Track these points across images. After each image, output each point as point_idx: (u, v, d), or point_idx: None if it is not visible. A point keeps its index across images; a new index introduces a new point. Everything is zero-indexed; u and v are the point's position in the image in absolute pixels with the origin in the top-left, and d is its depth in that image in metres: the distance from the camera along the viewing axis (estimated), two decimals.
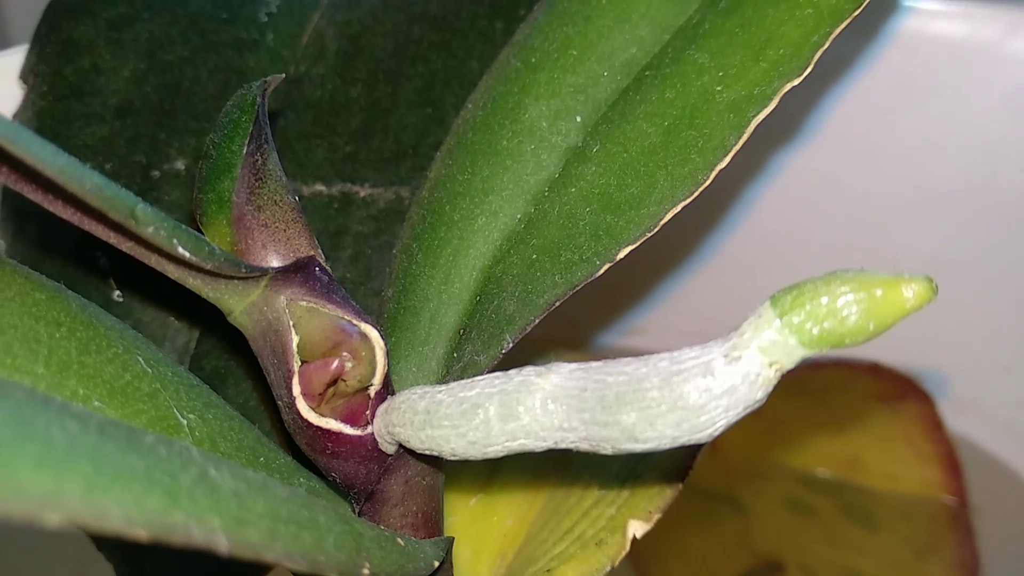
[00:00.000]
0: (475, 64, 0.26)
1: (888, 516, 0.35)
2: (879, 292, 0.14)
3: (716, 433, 0.15)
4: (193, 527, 0.12)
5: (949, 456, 0.32)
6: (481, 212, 0.20)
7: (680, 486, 0.21)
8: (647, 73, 0.20)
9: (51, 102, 0.26)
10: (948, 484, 0.33)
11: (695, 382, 0.15)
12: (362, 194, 0.25)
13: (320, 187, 0.25)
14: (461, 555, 0.23)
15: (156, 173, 0.25)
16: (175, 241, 0.16)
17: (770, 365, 0.15)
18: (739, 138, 0.18)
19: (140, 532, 0.11)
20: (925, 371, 0.33)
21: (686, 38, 0.20)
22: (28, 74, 0.27)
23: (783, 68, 0.19)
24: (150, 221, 0.16)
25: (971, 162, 0.34)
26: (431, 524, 0.20)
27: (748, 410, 0.15)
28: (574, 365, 0.17)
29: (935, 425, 0.32)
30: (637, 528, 0.21)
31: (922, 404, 0.31)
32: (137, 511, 0.11)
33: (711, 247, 0.37)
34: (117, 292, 0.25)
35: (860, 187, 0.34)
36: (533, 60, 0.21)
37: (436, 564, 0.18)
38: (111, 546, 0.23)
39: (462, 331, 0.20)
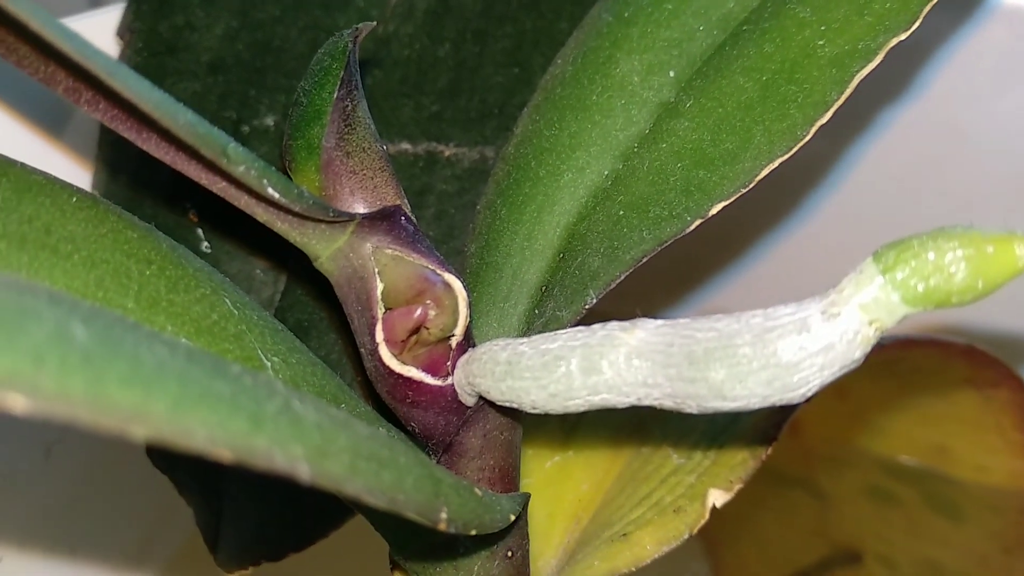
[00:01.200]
0: (564, 25, 0.26)
1: (975, 508, 0.33)
2: (990, 249, 0.14)
3: (809, 394, 0.15)
4: (276, 453, 0.12)
5: None
6: (568, 168, 0.20)
7: (764, 456, 0.21)
8: (745, 28, 0.20)
9: (146, 58, 0.27)
10: None
11: (790, 339, 0.15)
12: (447, 153, 0.25)
13: (406, 146, 0.25)
14: (536, 517, 0.22)
15: (246, 128, 0.26)
16: (265, 181, 0.16)
17: (870, 323, 0.14)
18: (841, 93, 0.18)
19: (224, 453, 0.11)
20: (1020, 359, 0.32)
21: None
22: (125, 31, 0.27)
23: (889, 22, 0.18)
24: (241, 160, 0.16)
25: None
26: (508, 480, 0.19)
27: (844, 370, 0.15)
28: (660, 321, 0.16)
29: None
30: (717, 497, 0.20)
31: (1017, 392, 0.30)
32: (222, 432, 0.11)
33: (791, 224, 0.36)
34: (205, 244, 0.25)
35: (953, 168, 0.33)
36: (626, 14, 0.21)
37: (512, 518, 0.18)
38: (191, 491, 0.24)
39: (544, 288, 0.20)
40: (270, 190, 0.16)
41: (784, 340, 0.15)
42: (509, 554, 0.19)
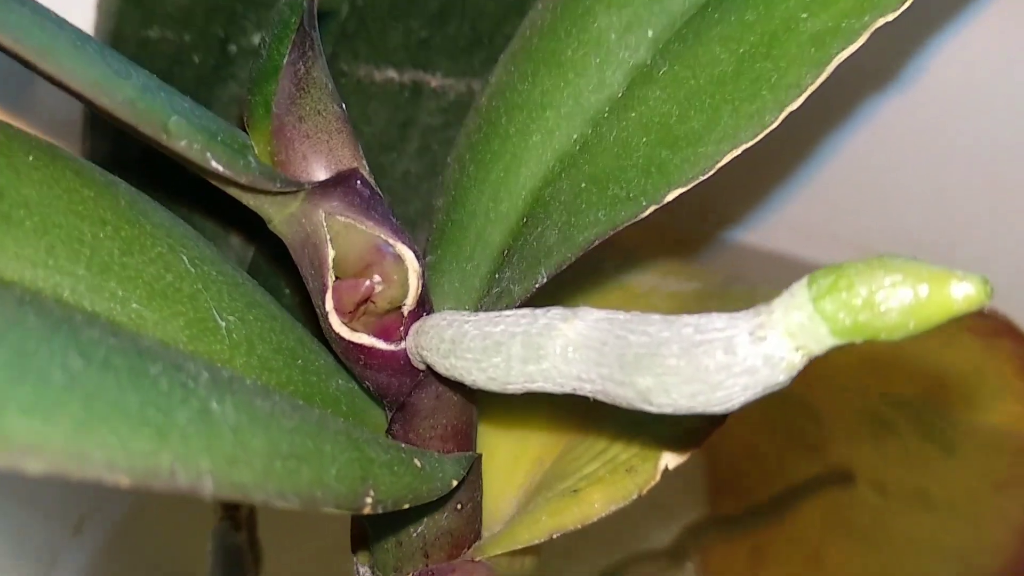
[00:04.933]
0: None
1: (969, 445, 0.33)
2: (924, 290, 0.13)
3: (732, 409, 0.15)
4: (179, 471, 0.12)
5: None
6: (537, 128, 0.19)
7: (721, 424, 0.21)
8: None
9: None
10: None
11: (715, 356, 0.14)
12: (433, 84, 0.24)
13: (392, 74, 0.25)
14: (500, 458, 0.23)
15: (233, 48, 0.25)
16: (208, 155, 0.16)
17: (796, 349, 0.14)
18: (816, 77, 0.17)
19: (122, 479, 0.12)
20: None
21: None
22: None
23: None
24: (183, 135, 0.16)
25: None
26: (460, 437, 0.20)
27: (768, 391, 0.14)
28: (601, 313, 0.16)
29: None
30: (670, 460, 0.21)
31: (1018, 344, 0.29)
32: (121, 455, 0.12)
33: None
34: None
35: (959, 148, 0.31)
36: None
37: (454, 483, 0.18)
38: None
39: (506, 252, 0.19)
40: (214, 163, 0.16)
41: (710, 357, 0.14)
42: (459, 507, 0.20)
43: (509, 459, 0.23)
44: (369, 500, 0.15)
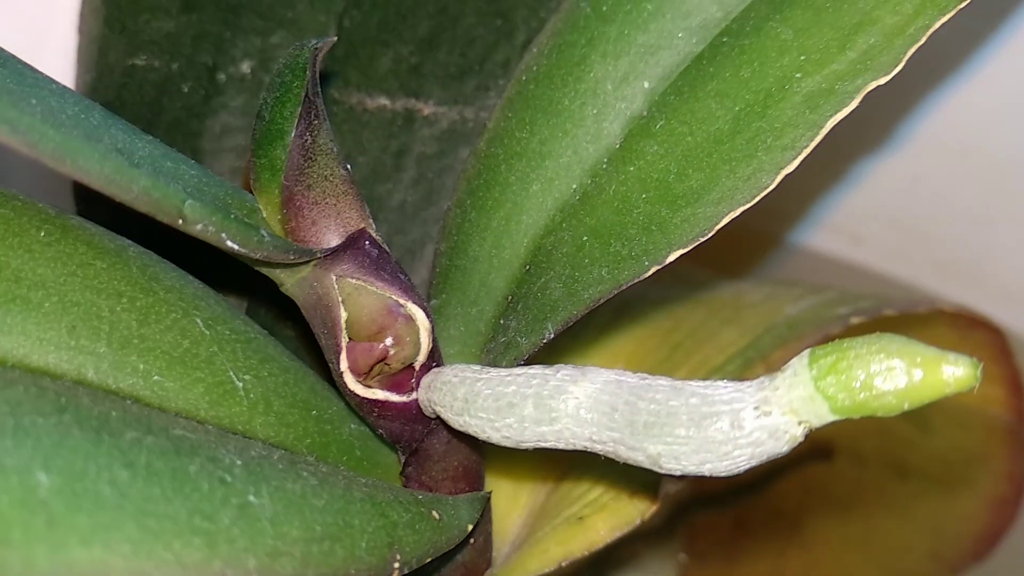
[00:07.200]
0: None
1: (944, 423, 0.35)
2: (918, 374, 0.14)
3: (737, 473, 0.16)
4: (229, 575, 0.13)
5: (1014, 379, 0.32)
6: (537, 177, 0.20)
7: None
8: (724, 39, 0.19)
9: None
10: (1009, 402, 0.33)
11: (722, 428, 0.15)
12: (426, 112, 0.25)
13: (384, 101, 0.25)
14: (503, 481, 0.24)
15: (222, 76, 0.25)
16: (224, 235, 0.17)
17: (799, 423, 0.15)
18: (812, 139, 0.17)
19: None
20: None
21: (771, 3, 0.18)
22: None
23: (871, 61, 0.17)
24: (198, 219, 0.16)
25: None
26: (471, 476, 0.21)
27: (772, 458, 0.15)
28: (610, 375, 0.17)
29: (1004, 352, 0.31)
30: (670, 485, 0.22)
31: (993, 335, 0.30)
32: (177, 570, 0.13)
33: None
34: None
35: (958, 204, 0.31)
36: (604, 8, 0.20)
37: (470, 528, 0.19)
38: None
39: (510, 298, 0.20)
40: (229, 243, 0.17)
41: (717, 427, 0.15)
42: (472, 541, 0.21)
43: (512, 481, 0.24)
44: (397, 565, 0.16)
